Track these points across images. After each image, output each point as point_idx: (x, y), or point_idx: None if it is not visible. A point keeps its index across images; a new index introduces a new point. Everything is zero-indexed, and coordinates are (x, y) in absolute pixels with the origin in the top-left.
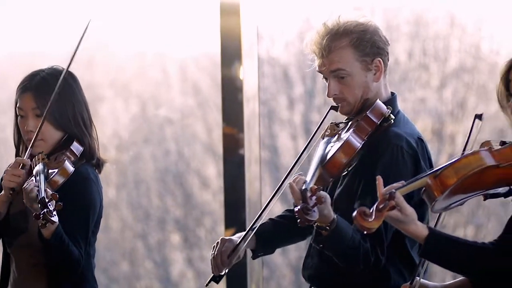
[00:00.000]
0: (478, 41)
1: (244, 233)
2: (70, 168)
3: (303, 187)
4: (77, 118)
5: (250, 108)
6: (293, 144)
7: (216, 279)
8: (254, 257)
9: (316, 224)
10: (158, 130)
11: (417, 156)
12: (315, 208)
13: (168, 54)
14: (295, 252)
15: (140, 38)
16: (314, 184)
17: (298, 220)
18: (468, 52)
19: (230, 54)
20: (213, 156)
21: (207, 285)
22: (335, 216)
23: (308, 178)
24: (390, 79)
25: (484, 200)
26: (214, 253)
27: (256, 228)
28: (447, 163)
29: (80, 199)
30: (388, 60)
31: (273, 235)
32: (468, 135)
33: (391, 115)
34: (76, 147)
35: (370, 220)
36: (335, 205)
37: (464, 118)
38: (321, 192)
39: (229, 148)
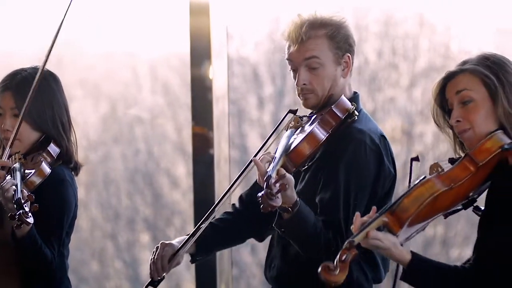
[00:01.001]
0: (448, 40)
1: (185, 237)
2: (47, 169)
3: (267, 174)
4: (56, 121)
5: (220, 108)
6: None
7: (154, 283)
8: (192, 261)
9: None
10: (128, 129)
11: (380, 152)
12: (279, 195)
13: (138, 53)
14: (264, 252)
15: (110, 38)
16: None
17: (262, 206)
18: (438, 51)
19: (200, 53)
20: (182, 156)
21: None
22: (297, 199)
23: (272, 166)
24: (360, 79)
25: (445, 218)
26: (154, 257)
27: (197, 235)
28: (400, 197)
29: (55, 201)
30: (354, 60)
31: (211, 239)
32: (408, 177)
33: (355, 111)
34: (53, 149)
35: (336, 273)
36: None
37: None
38: (286, 177)
39: (198, 148)
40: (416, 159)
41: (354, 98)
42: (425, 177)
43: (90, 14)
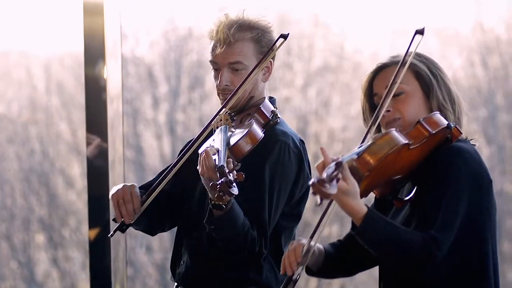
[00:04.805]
0: (342, 40)
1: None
2: None
3: (220, 164)
4: None
5: (114, 108)
6: (158, 143)
7: (123, 227)
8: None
9: (212, 202)
10: (22, 130)
11: (301, 156)
12: (235, 184)
13: (32, 53)
14: (160, 251)
15: (4, 37)
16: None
17: (218, 194)
18: (332, 51)
19: (94, 53)
20: (77, 156)
21: (112, 235)
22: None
23: (220, 157)
24: None
25: (378, 197)
26: (121, 199)
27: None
28: (365, 145)
29: None
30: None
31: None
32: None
33: (278, 114)
34: None
35: (328, 187)
36: None
37: (328, 117)
38: (238, 167)
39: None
40: (421, 32)
41: (272, 102)
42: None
43: None
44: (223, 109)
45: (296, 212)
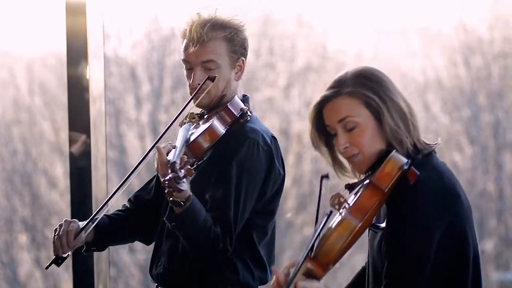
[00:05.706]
0: (325, 40)
1: (86, 221)
2: None
3: (172, 160)
4: None
5: (97, 108)
6: (141, 143)
7: (58, 261)
8: (86, 251)
9: (171, 199)
10: (5, 130)
11: (271, 153)
12: (185, 179)
13: (15, 53)
14: (143, 252)
15: None
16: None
17: (168, 190)
18: (315, 51)
19: (76, 53)
20: (60, 156)
21: (47, 268)
22: (191, 194)
23: (175, 154)
24: None
25: None
26: (58, 233)
27: (98, 219)
28: (317, 239)
29: None
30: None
31: (107, 230)
32: (318, 195)
33: (248, 111)
34: None
35: None
36: None
37: None
38: (189, 163)
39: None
40: (326, 176)
41: (244, 100)
42: (331, 211)
43: None
44: (186, 109)
45: (269, 210)
